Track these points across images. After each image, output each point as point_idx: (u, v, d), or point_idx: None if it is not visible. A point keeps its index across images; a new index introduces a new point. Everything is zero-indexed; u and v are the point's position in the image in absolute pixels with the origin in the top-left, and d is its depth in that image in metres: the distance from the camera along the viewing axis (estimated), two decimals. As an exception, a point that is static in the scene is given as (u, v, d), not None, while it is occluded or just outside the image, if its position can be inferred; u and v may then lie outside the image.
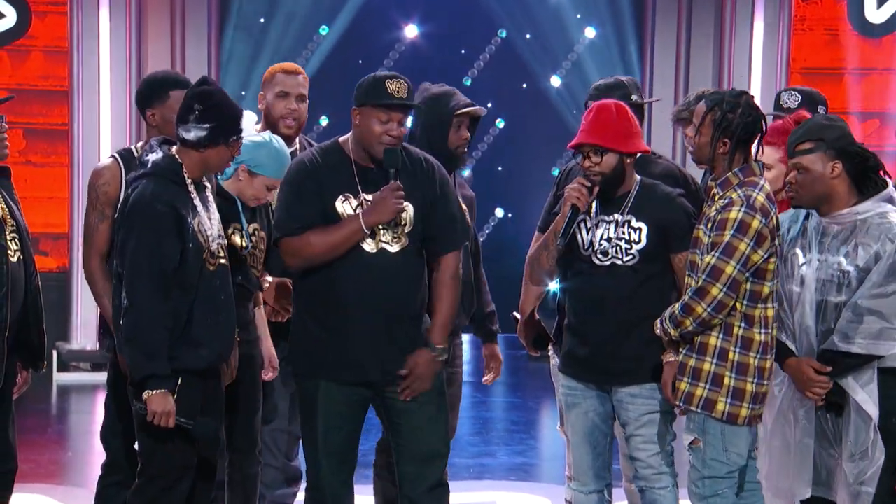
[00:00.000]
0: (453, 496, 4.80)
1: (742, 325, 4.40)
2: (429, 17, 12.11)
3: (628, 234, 4.58)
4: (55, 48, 10.66)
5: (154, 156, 4.41)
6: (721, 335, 4.40)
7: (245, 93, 11.16)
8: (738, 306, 4.39)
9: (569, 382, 4.73)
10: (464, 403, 9.20)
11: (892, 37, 10.74)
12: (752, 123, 4.42)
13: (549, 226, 4.84)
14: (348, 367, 4.54)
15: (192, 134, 4.37)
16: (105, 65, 10.64)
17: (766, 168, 4.84)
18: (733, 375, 4.38)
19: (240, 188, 4.80)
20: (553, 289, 5.00)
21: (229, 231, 4.73)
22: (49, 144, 10.75)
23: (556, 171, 11.65)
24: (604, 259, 4.61)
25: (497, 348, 5.50)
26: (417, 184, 4.58)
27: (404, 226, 4.55)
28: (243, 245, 4.77)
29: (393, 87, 4.50)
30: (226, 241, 4.53)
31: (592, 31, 12.05)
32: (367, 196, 4.53)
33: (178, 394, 4.31)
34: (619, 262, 4.59)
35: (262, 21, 11.78)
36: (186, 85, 4.82)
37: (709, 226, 4.42)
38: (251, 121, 4.64)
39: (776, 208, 4.46)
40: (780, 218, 4.52)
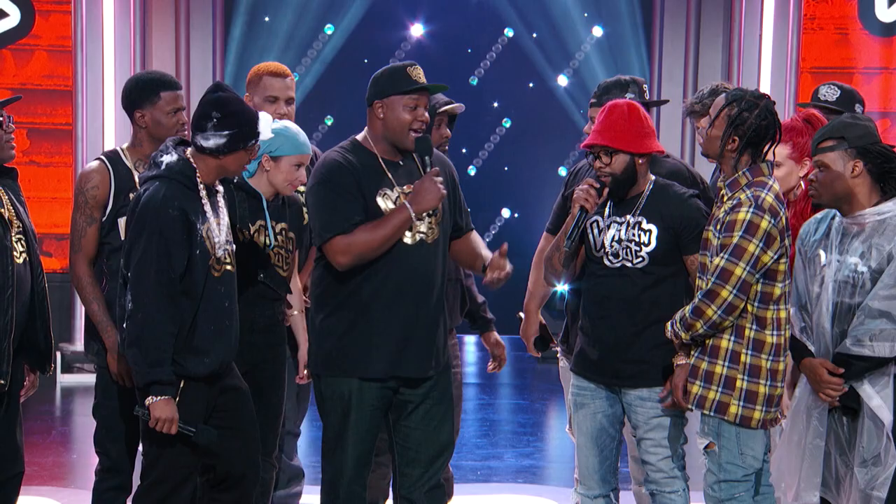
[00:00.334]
0: (460, 499, 4.94)
1: (753, 327, 4.38)
2: (435, 17, 12.09)
3: (638, 235, 4.57)
4: (59, 47, 10.63)
5: (168, 157, 4.35)
6: (732, 337, 4.39)
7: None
8: (749, 308, 4.37)
9: (579, 382, 4.72)
10: (470, 405, 9.21)
11: (903, 36, 10.71)
12: (766, 128, 4.40)
13: (558, 227, 4.86)
14: (389, 361, 4.53)
15: (212, 142, 4.33)
16: (109, 64, 10.63)
17: (776, 165, 4.83)
18: (745, 378, 4.37)
19: (269, 179, 4.75)
20: (560, 290, 4.98)
21: (254, 229, 4.71)
22: (53, 144, 10.73)
23: (563, 171, 11.65)
24: (614, 261, 4.60)
25: (496, 335, 5.53)
26: (444, 179, 4.62)
27: (437, 217, 4.58)
28: (267, 243, 4.73)
29: (415, 74, 4.54)
30: (233, 248, 4.47)
31: (600, 30, 12.03)
32: (402, 189, 4.54)
33: (181, 399, 4.28)
34: (629, 265, 4.58)
35: (268, 20, 11.77)
36: (177, 86, 4.83)
37: (718, 227, 4.40)
38: (267, 122, 4.61)
39: (785, 208, 4.43)
40: (808, 219, 4.51)
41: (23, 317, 4.52)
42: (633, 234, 4.57)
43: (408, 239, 4.52)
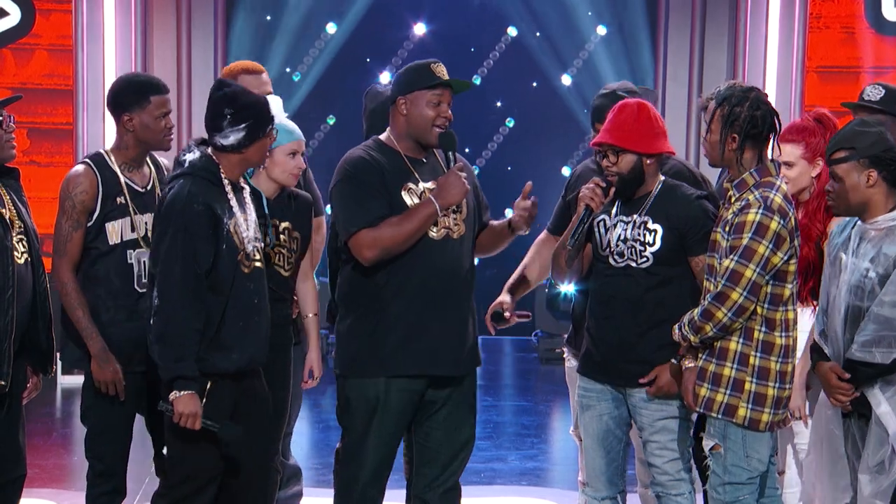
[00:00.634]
0: (464, 501, 4.81)
1: (762, 328, 4.37)
2: (438, 15, 12.06)
3: (643, 235, 4.56)
4: (60, 47, 10.62)
5: (191, 155, 4.42)
6: (741, 339, 4.38)
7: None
8: (759, 310, 4.36)
9: (585, 384, 4.72)
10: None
11: (910, 35, 10.68)
12: (762, 118, 4.38)
13: (558, 226, 4.89)
14: (413, 360, 4.52)
15: (231, 138, 4.37)
16: (110, 63, 10.60)
17: (788, 166, 4.86)
18: (754, 380, 4.36)
19: (269, 175, 4.76)
20: (564, 291, 4.97)
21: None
22: (54, 144, 10.72)
23: (567, 171, 11.59)
24: (619, 260, 4.60)
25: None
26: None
27: (461, 213, 4.60)
28: (266, 242, 4.71)
29: (439, 70, 4.57)
30: (262, 244, 4.51)
31: (604, 29, 12.00)
32: (427, 185, 4.56)
33: (208, 396, 4.31)
34: (633, 265, 4.57)
35: (269, 19, 11.76)
36: (166, 90, 4.80)
37: (726, 229, 4.38)
38: (278, 104, 4.63)
39: (794, 208, 4.41)
40: (839, 221, 4.50)
41: (24, 318, 4.51)
42: (638, 234, 4.56)
43: (435, 234, 4.54)
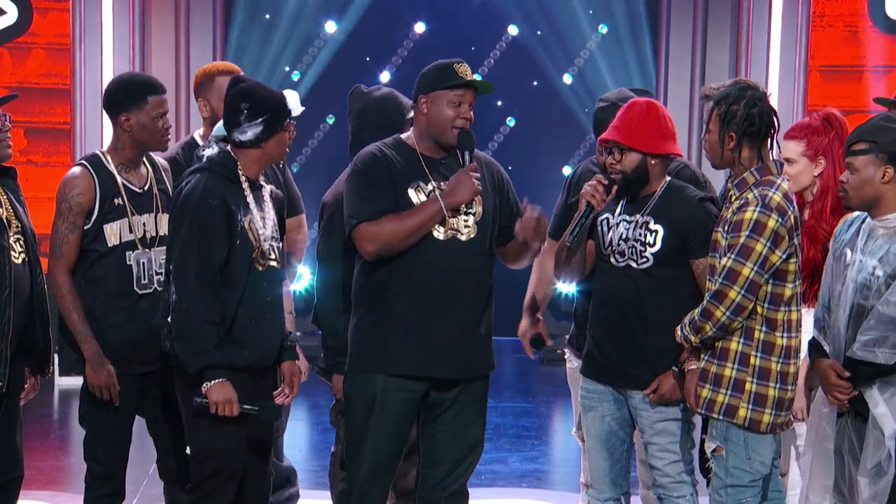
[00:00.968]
0: None
1: (763, 328, 4.36)
2: (438, 14, 12.03)
3: (644, 235, 4.54)
4: (57, 45, 10.60)
5: (210, 151, 4.44)
6: (742, 340, 4.36)
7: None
8: (759, 309, 4.34)
9: (587, 385, 4.71)
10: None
11: (914, 34, 10.67)
12: (758, 115, 4.36)
13: (559, 231, 4.87)
14: (412, 360, 4.48)
15: (249, 133, 4.39)
16: (108, 63, 10.57)
17: (790, 162, 4.85)
18: (755, 381, 4.35)
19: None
20: (566, 291, 4.97)
21: None
22: (51, 144, 10.71)
23: (568, 170, 11.53)
24: (620, 260, 4.58)
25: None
26: (485, 177, 4.59)
27: (473, 215, 4.54)
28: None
29: (461, 70, 4.55)
30: (279, 244, 4.51)
31: (605, 28, 11.97)
32: (439, 184, 4.53)
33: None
34: (634, 265, 4.56)
35: (268, 17, 11.74)
36: (163, 90, 4.79)
37: (725, 228, 4.37)
38: (295, 99, 4.60)
39: (794, 207, 4.38)
40: (845, 217, 4.48)
41: (22, 318, 4.50)
42: (640, 234, 4.54)
43: (440, 234, 4.50)
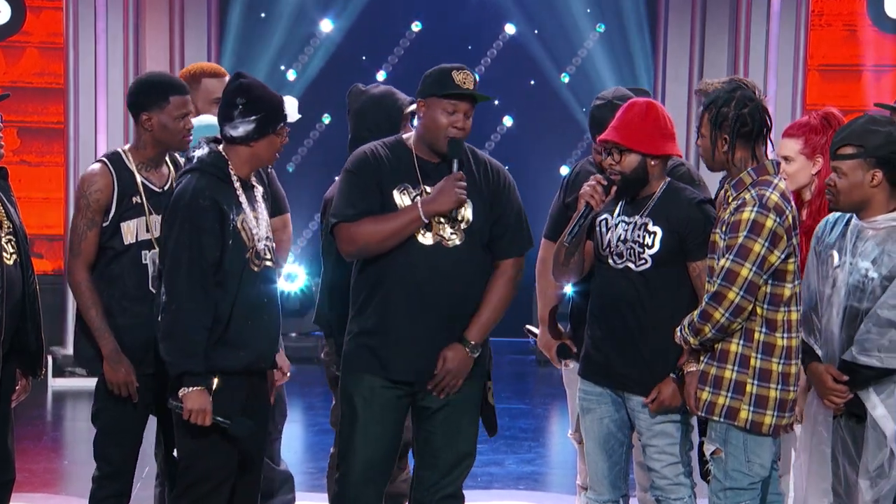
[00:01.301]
0: None
1: (763, 329, 4.32)
2: (435, 12, 12.02)
3: (642, 237, 4.51)
4: (51, 44, 10.63)
5: (200, 151, 4.42)
6: (742, 341, 4.33)
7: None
8: (759, 310, 4.31)
9: (585, 386, 4.68)
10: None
11: (912, 32, 10.68)
12: (750, 115, 4.33)
13: (556, 232, 4.82)
14: (395, 363, 4.47)
15: (241, 129, 4.36)
16: (102, 62, 10.58)
17: (787, 161, 4.83)
18: (755, 382, 4.32)
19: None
20: (567, 292, 5.01)
21: None
22: (44, 143, 10.73)
23: (566, 169, 11.48)
24: (618, 261, 4.56)
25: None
26: (481, 184, 4.56)
27: (462, 222, 4.50)
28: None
29: (459, 78, 4.49)
30: (274, 244, 4.49)
31: (603, 27, 11.96)
32: (426, 189, 4.50)
33: (217, 393, 4.29)
34: (632, 266, 4.53)
35: (263, 16, 11.74)
36: (187, 90, 4.77)
37: (723, 229, 4.35)
38: (293, 105, 4.61)
39: (792, 206, 4.35)
40: (825, 218, 4.46)
41: (14, 319, 4.48)
42: (638, 236, 4.51)
43: (426, 240, 4.47)
